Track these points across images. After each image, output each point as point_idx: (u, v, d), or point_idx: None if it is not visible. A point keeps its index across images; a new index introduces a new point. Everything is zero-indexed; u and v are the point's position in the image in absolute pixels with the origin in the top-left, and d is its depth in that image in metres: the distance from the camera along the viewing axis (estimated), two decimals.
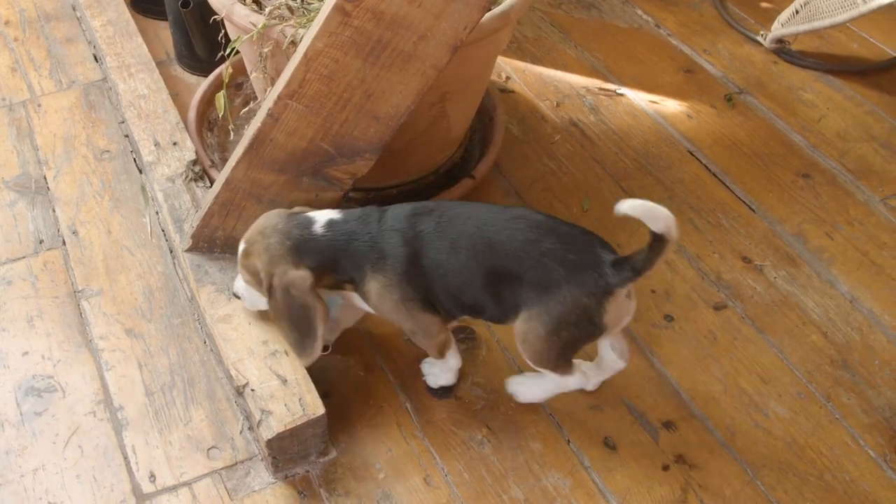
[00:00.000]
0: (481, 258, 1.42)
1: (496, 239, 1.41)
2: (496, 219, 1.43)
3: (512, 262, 1.41)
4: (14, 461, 1.56)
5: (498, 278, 1.42)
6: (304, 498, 1.52)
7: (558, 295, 1.39)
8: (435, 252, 1.43)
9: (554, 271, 1.39)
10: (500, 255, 1.41)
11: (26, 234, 1.91)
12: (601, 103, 2.24)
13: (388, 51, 1.40)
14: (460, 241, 1.42)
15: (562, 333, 1.43)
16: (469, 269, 1.43)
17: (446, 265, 1.43)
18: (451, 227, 1.43)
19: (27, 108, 2.19)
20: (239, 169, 1.56)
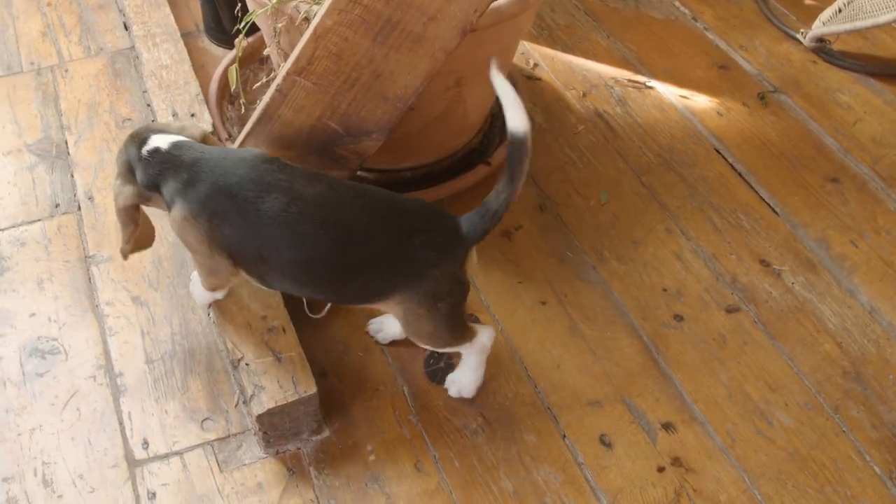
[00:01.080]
0: (332, 250, 1.39)
1: (363, 237, 1.39)
2: (345, 205, 1.39)
3: (381, 257, 1.40)
4: (13, 420, 1.61)
5: (353, 267, 1.41)
6: (292, 475, 1.54)
7: (432, 273, 1.40)
8: (271, 236, 1.38)
9: (427, 256, 1.39)
10: (354, 245, 1.39)
11: (44, 197, 1.96)
12: (629, 95, 2.22)
13: (398, 31, 1.41)
14: (305, 228, 1.37)
15: (440, 306, 1.43)
16: (316, 261, 1.40)
17: (284, 254, 1.40)
18: (298, 214, 1.37)
19: (54, 73, 2.24)
20: (247, 144, 1.59)
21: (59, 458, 1.55)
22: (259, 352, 1.55)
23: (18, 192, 1.97)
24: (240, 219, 1.37)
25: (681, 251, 1.88)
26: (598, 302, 1.79)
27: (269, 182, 1.37)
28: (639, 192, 1.99)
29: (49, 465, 1.54)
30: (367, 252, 1.39)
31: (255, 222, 1.37)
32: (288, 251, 1.38)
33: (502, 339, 1.73)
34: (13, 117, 2.13)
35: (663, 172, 2.04)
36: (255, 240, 1.39)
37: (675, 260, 1.87)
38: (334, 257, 1.39)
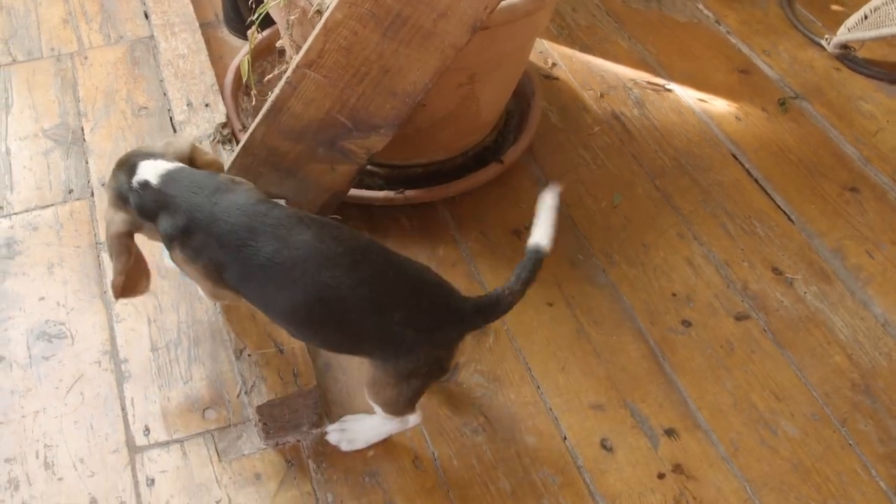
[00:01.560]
0: (316, 312, 1.36)
1: (336, 297, 1.34)
2: (329, 260, 1.34)
3: (355, 324, 1.36)
4: (17, 402, 1.64)
5: (330, 323, 1.38)
6: (291, 467, 1.56)
7: (411, 354, 1.37)
8: (262, 280, 1.37)
9: (406, 335, 1.35)
10: (339, 312, 1.35)
11: (58, 182, 1.99)
12: (647, 98, 2.21)
13: (408, 26, 1.42)
14: (290, 276, 1.35)
15: (412, 382, 1.41)
16: (297, 308, 1.37)
17: (272, 297, 1.38)
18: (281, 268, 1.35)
19: (74, 59, 2.27)
20: (256, 135, 1.60)
21: (62, 441, 1.58)
22: (262, 343, 1.57)
23: (33, 176, 2.00)
24: (235, 264, 1.37)
25: (692, 256, 1.88)
26: (606, 305, 1.79)
27: (259, 228, 1.35)
28: (652, 195, 1.99)
29: (51, 448, 1.57)
30: (342, 314, 1.35)
31: (247, 267, 1.36)
32: (275, 295, 1.37)
33: (507, 340, 1.74)
34: (31, 102, 2.16)
35: (678, 176, 2.04)
36: (249, 282, 1.38)
37: (686, 265, 1.86)
38: (312, 309, 1.36)
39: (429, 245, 1.89)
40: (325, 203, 1.68)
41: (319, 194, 1.66)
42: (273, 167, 1.64)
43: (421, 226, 1.93)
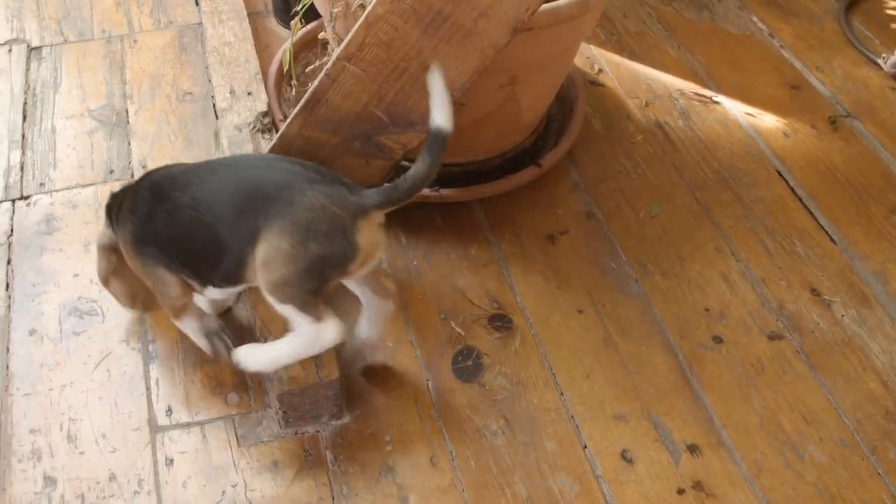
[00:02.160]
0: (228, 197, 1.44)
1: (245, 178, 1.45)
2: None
3: (252, 185, 1.43)
4: (46, 374, 1.69)
5: (238, 206, 1.43)
6: (308, 457, 1.59)
7: (304, 201, 1.38)
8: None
9: (299, 184, 1.41)
10: (244, 187, 1.44)
11: (100, 162, 2.05)
12: (693, 109, 2.21)
13: (448, 24, 1.44)
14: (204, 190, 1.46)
15: (309, 245, 1.36)
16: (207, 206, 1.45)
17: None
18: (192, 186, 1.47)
19: (123, 42, 2.34)
20: (294, 125, 1.64)
21: (86, 415, 1.63)
22: (286, 331, 1.60)
23: (76, 155, 2.07)
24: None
25: (728, 272, 1.88)
26: (636, 315, 1.80)
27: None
28: (691, 207, 1.99)
29: (75, 422, 1.62)
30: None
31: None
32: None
33: (533, 344, 1.75)
34: (80, 82, 2.23)
35: (719, 190, 2.03)
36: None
37: (722, 280, 1.86)
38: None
39: (461, 244, 1.91)
40: None
41: None
42: (308, 158, 1.67)
43: (455, 225, 1.95)
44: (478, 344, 1.75)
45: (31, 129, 2.12)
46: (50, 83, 2.23)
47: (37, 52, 2.31)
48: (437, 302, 1.82)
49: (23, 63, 2.28)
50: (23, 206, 1.96)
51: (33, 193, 1.98)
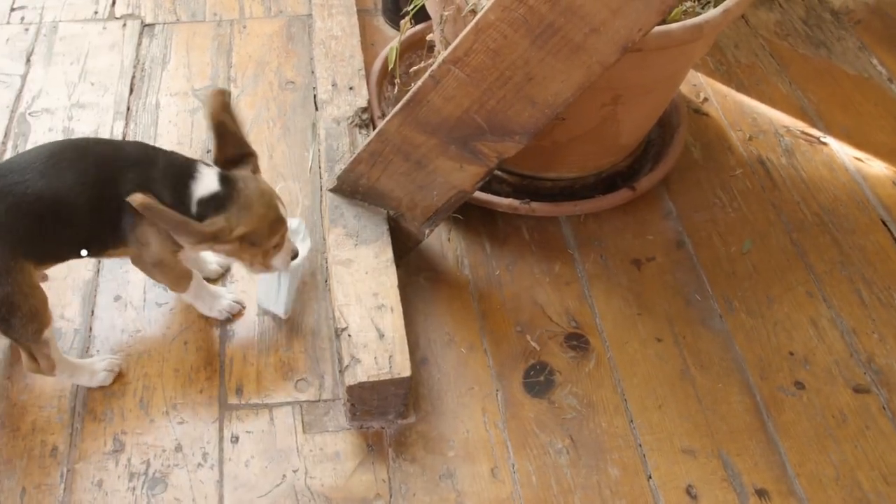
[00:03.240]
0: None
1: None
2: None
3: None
4: (126, 340, 1.78)
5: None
6: (371, 451, 1.65)
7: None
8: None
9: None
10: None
11: (198, 141, 2.16)
12: (798, 147, 2.21)
13: (558, 37, 1.49)
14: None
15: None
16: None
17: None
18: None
19: (233, 27, 2.45)
20: (393, 123, 1.71)
21: (159, 384, 1.72)
22: (363, 325, 1.66)
23: (177, 132, 2.17)
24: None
25: (818, 318, 1.87)
26: (716, 351, 1.81)
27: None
28: (785, 248, 1.99)
29: (148, 390, 1.71)
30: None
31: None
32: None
33: (608, 368, 1.78)
34: (187, 61, 2.35)
35: (817, 233, 2.03)
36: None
37: (810, 325, 1.86)
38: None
39: (546, 259, 1.95)
40: (449, 200, 1.77)
41: (445, 190, 1.75)
42: (404, 156, 1.74)
43: (541, 239, 1.99)
44: (552, 360, 1.79)
45: (136, 103, 2.24)
46: (158, 60, 2.35)
47: (149, 29, 2.44)
48: (516, 314, 1.86)
49: (135, 38, 2.41)
50: None
51: None
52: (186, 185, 1.53)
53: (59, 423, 1.67)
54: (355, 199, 1.85)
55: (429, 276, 1.92)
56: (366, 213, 1.83)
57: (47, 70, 2.31)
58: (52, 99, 2.24)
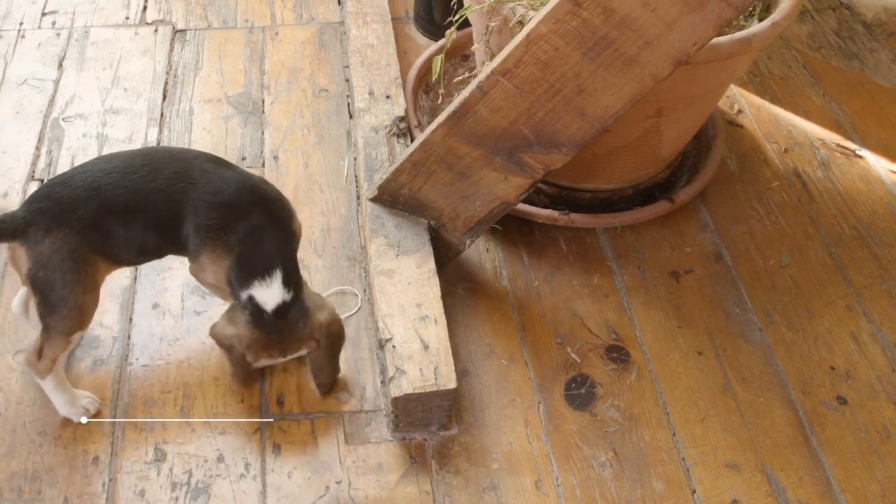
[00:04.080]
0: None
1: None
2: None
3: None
4: (165, 348, 1.78)
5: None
6: (414, 463, 1.64)
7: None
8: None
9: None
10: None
11: (233, 148, 2.15)
12: (834, 160, 2.21)
13: (610, 50, 1.49)
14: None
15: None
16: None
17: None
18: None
19: (265, 33, 2.45)
20: (438, 133, 1.70)
21: (200, 394, 1.71)
22: (407, 336, 1.66)
23: (211, 138, 2.17)
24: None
25: (858, 332, 1.87)
26: (757, 365, 1.81)
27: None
28: (824, 261, 1.99)
29: (189, 399, 1.71)
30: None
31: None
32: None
33: (649, 381, 1.78)
34: (220, 68, 2.35)
35: (855, 247, 2.03)
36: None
37: (851, 340, 1.86)
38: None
39: (584, 271, 1.95)
40: (492, 210, 1.76)
41: (488, 201, 1.75)
42: (447, 167, 1.74)
43: (578, 250, 1.99)
44: (592, 373, 1.79)
45: (169, 109, 2.24)
46: (191, 66, 2.35)
47: (181, 35, 2.44)
48: (555, 326, 1.86)
49: (167, 44, 2.41)
50: None
51: None
52: (252, 279, 1.57)
53: (99, 431, 1.66)
54: (396, 209, 1.85)
55: (467, 287, 1.92)
56: (406, 223, 1.83)
57: (80, 75, 2.31)
58: (85, 104, 2.24)
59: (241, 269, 1.56)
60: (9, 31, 2.44)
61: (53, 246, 1.48)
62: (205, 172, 1.56)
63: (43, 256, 1.48)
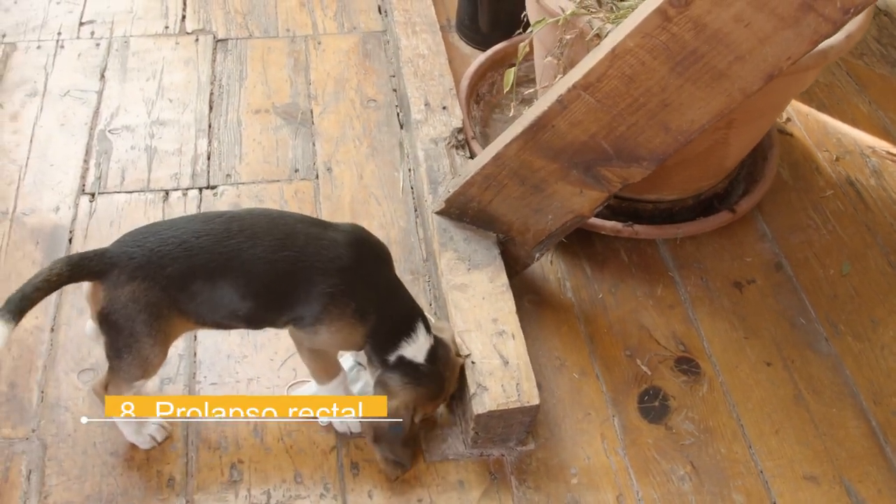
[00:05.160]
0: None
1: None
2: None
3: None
4: (233, 366, 1.75)
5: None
6: (494, 480, 1.63)
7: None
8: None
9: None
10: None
11: (284, 160, 2.13)
12: (886, 168, 2.22)
13: (700, 64, 1.48)
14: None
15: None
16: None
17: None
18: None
19: (307, 43, 2.42)
20: (512, 147, 1.69)
21: None
22: (486, 352, 1.65)
23: (262, 150, 2.14)
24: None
25: None
26: (826, 375, 1.81)
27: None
28: (884, 270, 1.99)
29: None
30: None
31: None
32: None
33: (721, 392, 1.77)
34: (264, 78, 2.32)
35: None
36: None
37: None
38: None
39: (647, 282, 1.94)
40: (564, 224, 1.75)
41: (561, 215, 1.74)
42: (520, 181, 1.72)
43: (640, 262, 1.98)
44: (664, 385, 1.78)
45: (217, 120, 2.21)
46: (235, 76, 2.32)
47: (222, 45, 2.41)
48: (623, 338, 1.85)
49: (209, 54, 2.37)
50: (209, 195, 2.04)
51: (220, 184, 2.07)
52: (399, 339, 1.53)
53: (172, 452, 1.64)
54: (463, 222, 1.83)
55: (533, 300, 1.90)
56: (475, 237, 1.81)
57: (123, 86, 2.28)
58: (131, 116, 2.20)
59: (385, 333, 1.52)
60: (47, 40, 2.40)
61: (133, 295, 1.43)
62: (312, 238, 1.50)
63: (119, 301, 1.43)
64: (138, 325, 1.44)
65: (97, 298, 1.45)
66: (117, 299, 1.43)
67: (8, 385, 1.71)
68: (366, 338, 1.52)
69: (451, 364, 1.60)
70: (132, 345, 1.46)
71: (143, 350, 1.47)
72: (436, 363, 1.56)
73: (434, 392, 1.58)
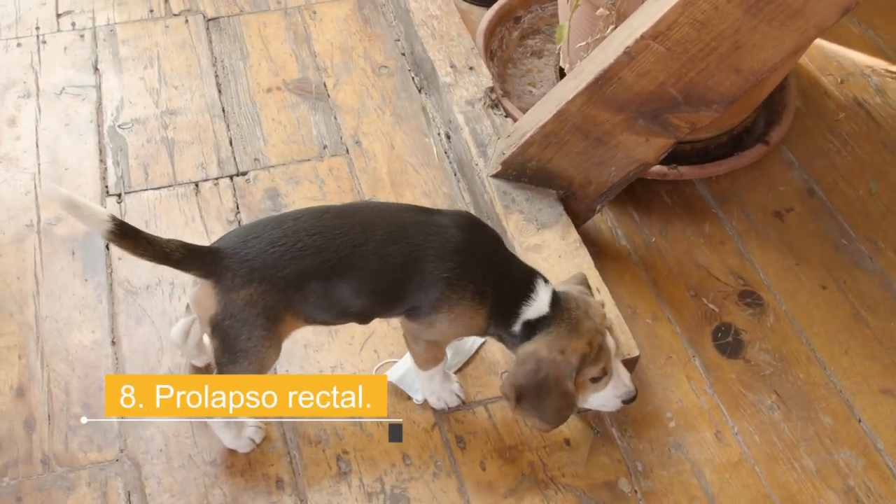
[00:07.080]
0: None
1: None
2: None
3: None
4: (312, 356, 1.69)
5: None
6: (597, 434, 1.62)
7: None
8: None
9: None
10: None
11: (310, 137, 2.03)
12: (888, 86, 2.26)
13: (775, 4, 1.46)
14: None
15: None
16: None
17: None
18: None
19: (302, 13, 2.31)
20: (575, 103, 1.65)
21: None
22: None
23: (284, 130, 2.04)
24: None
25: None
26: (878, 292, 1.85)
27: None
28: None
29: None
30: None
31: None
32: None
33: (787, 320, 1.80)
34: (267, 55, 2.20)
35: None
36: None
37: None
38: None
39: (693, 222, 1.94)
40: (628, 174, 1.73)
41: (625, 165, 1.72)
42: (582, 135, 1.69)
43: (682, 202, 1.98)
44: (733, 320, 1.79)
45: (229, 103, 2.09)
46: (237, 55, 2.19)
47: (215, 24, 2.27)
48: (684, 278, 1.85)
49: (203, 34, 2.23)
50: (242, 182, 1.94)
51: (250, 169, 1.96)
52: (518, 305, 1.43)
53: (273, 452, 1.57)
54: (522, 182, 1.79)
55: (592, 251, 1.86)
56: (536, 196, 1.78)
57: (121, 77, 2.13)
58: (138, 108, 2.07)
59: (506, 307, 1.44)
60: (26, 37, 2.21)
61: (250, 299, 1.35)
62: (421, 225, 1.42)
63: (235, 306, 1.35)
64: (256, 329, 1.36)
65: (208, 303, 1.36)
66: (232, 303, 1.34)
67: (82, 407, 1.61)
68: (488, 320, 1.46)
69: (583, 304, 1.47)
70: (249, 349, 1.38)
71: (261, 353, 1.39)
72: (561, 308, 1.45)
73: (577, 331, 1.43)
